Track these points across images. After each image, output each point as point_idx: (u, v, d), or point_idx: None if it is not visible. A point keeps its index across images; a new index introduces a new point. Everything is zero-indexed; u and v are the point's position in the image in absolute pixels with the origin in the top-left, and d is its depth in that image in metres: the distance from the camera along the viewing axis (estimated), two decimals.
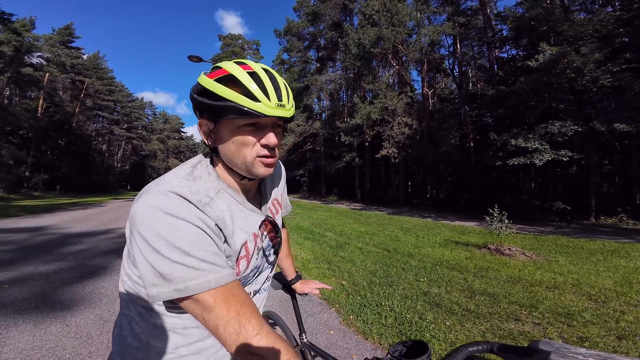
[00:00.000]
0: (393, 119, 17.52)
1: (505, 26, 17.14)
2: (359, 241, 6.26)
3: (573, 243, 6.78)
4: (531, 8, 14.10)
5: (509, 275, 3.90)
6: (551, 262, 4.80)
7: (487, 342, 0.52)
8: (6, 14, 20.67)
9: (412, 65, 20.97)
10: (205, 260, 0.49)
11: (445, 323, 2.46)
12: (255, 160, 0.57)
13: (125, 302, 0.63)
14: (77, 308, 2.62)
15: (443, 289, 3.31)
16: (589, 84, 11.35)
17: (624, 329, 2.38)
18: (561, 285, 3.51)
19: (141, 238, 0.49)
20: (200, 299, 0.48)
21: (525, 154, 12.42)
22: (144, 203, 0.51)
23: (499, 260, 4.80)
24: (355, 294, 3.10)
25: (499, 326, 2.40)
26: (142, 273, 0.50)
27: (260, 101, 0.53)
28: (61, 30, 31.98)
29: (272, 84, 0.55)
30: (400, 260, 4.57)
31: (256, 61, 8.69)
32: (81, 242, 5.34)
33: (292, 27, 28.54)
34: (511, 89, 13.85)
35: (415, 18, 18.32)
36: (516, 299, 3.01)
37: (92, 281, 3.32)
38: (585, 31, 11.65)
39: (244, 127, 0.55)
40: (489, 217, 5.71)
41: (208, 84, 0.54)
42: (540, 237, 7.68)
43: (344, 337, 2.27)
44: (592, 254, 5.49)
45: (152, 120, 60.66)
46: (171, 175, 0.58)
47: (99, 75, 38.31)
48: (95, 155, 35.51)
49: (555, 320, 2.50)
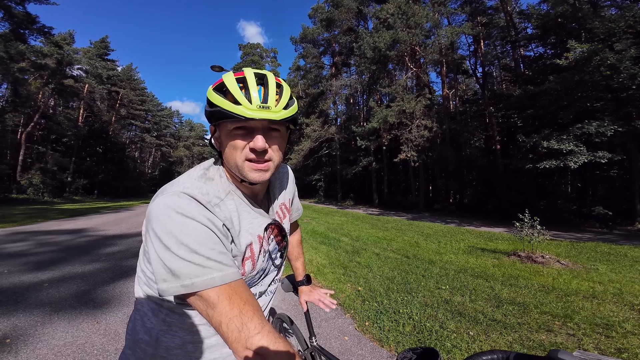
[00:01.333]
0: (411, 122, 17.12)
1: (529, 24, 16.30)
2: (376, 247, 6.13)
3: (615, 250, 6.21)
4: (556, 5, 13.32)
5: (542, 284, 3.63)
6: (590, 270, 4.41)
7: (502, 350, 0.49)
8: (47, 27, 21.18)
9: (430, 67, 20.48)
10: (211, 258, 0.51)
11: (468, 333, 2.32)
12: (245, 163, 0.58)
13: (139, 298, 0.67)
14: (108, 307, 2.76)
15: (467, 297, 3.15)
16: (626, 81, 10.47)
17: None
18: (600, 294, 3.21)
19: (155, 235, 0.52)
20: (205, 295, 0.49)
21: (558, 156, 11.62)
22: (159, 203, 0.54)
23: (530, 268, 4.49)
24: (371, 300, 3.03)
25: (529, 337, 2.23)
26: (154, 268, 0.52)
27: (241, 104, 0.55)
28: (97, 44, 34.38)
29: (260, 86, 0.57)
30: (420, 267, 4.41)
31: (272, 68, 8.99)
32: (115, 244, 5.65)
33: (308, 34, 29.05)
34: (540, 88, 13.07)
35: (433, 19, 17.91)
36: (549, 308, 2.79)
37: (123, 281, 3.50)
38: (618, 27, 10.81)
39: (235, 131, 0.57)
40: (518, 222, 5.36)
41: (208, 93, 0.59)
42: (577, 244, 7.10)
43: (359, 343, 2.21)
44: (637, 262, 5.00)
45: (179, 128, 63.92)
46: (185, 177, 0.61)
47: (132, 86, 41.08)
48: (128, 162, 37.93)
49: (592, 331, 2.29)
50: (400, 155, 17.26)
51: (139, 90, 43.74)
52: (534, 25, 15.04)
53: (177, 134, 61.19)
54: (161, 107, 55.01)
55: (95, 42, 34.54)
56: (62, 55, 24.57)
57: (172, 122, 58.79)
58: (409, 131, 16.93)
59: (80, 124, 29.79)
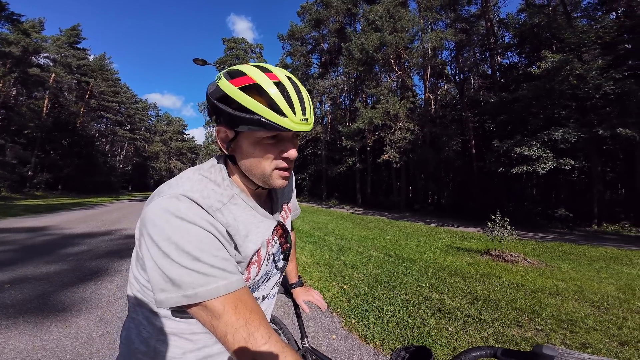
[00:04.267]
0: (395, 124, 17.57)
1: (507, 33, 17.24)
2: (360, 246, 6.24)
3: (575, 250, 6.74)
4: (534, 15, 14.19)
5: (511, 281, 3.87)
6: (553, 268, 4.77)
7: (490, 346, 0.51)
8: (16, 15, 20.83)
9: (414, 71, 21.09)
10: (214, 266, 0.48)
11: (447, 329, 2.44)
12: (274, 172, 0.56)
13: (133, 306, 0.63)
14: (78, 309, 2.63)
15: (445, 294, 3.29)
16: (591, 91, 11.38)
17: (627, 335, 2.37)
18: (563, 291, 3.48)
19: (151, 241, 0.48)
20: (209, 305, 0.47)
21: (528, 162, 12.40)
22: (156, 206, 0.50)
23: (501, 266, 4.78)
24: (356, 298, 3.09)
25: (502, 332, 2.38)
26: (150, 277, 0.49)
27: (287, 116, 0.51)
28: (68, 32, 32.37)
29: (298, 96, 0.54)
30: (401, 266, 4.55)
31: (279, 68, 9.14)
32: (82, 243, 5.33)
33: (296, 32, 28.81)
34: (513, 95, 13.89)
35: (419, 24, 18.47)
36: (518, 305, 2.99)
37: (93, 282, 3.32)
38: (588, 38, 11.70)
39: (266, 140, 0.54)
40: (490, 223, 5.69)
41: (231, 91, 0.52)
42: (542, 244, 7.64)
43: (346, 341, 2.26)
44: (595, 261, 5.45)
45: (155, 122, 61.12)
46: (184, 179, 0.57)
47: (104, 77, 38.74)
48: (98, 156, 35.71)
49: (557, 327, 2.49)
50: (383, 156, 17.66)
51: (112, 81, 41.29)
52: (512, 34, 15.92)
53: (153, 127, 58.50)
54: (136, 100, 52.35)
55: (66, 30, 32.37)
56: (28, 43, 22.79)
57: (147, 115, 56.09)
58: (393, 133, 17.37)
59: (45, 115, 27.60)
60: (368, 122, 17.72)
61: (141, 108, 52.62)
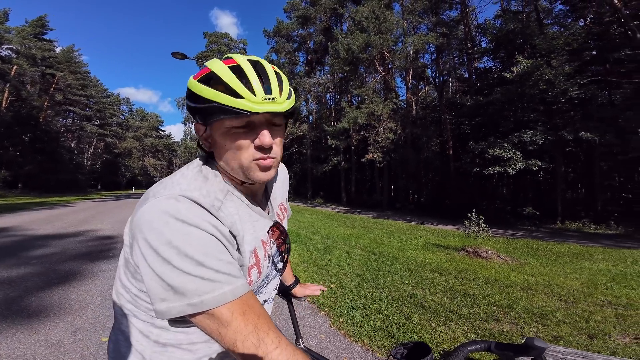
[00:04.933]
0: (378, 124, 17.95)
1: (484, 38, 18.08)
2: (345, 244, 6.32)
3: (542, 246, 7.23)
4: (509, 21, 14.96)
5: (487, 277, 4.09)
6: (523, 264, 5.08)
7: (484, 340, 0.54)
8: None
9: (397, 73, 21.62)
10: (220, 271, 0.45)
11: (430, 324, 2.54)
12: (252, 164, 0.53)
13: (122, 317, 0.58)
14: (46, 315, 2.48)
15: (427, 290, 3.42)
16: (558, 95, 12.23)
17: (594, 328, 2.55)
18: (534, 286, 3.74)
19: (148, 247, 0.45)
20: (216, 313, 0.44)
21: (500, 163, 13.12)
22: (152, 207, 0.47)
23: (477, 262, 5.03)
24: (343, 297, 3.14)
25: (480, 326, 2.52)
26: (148, 286, 0.46)
27: (243, 97, 0.48)
28: (33, 22, 30.16)
29: (259, 75, 0.51)
30: (385, 263, 4.67)
31: None
32: (48, 245, 5.00)
33: (282, 28, 28.44)
34: (488, 99, 14.62)
35: (402, 27, 18.94)
36: (494, 299, 3.17)
37: (61, 287, 3.14)
38: (557, 45, 12.52)
39: (235, 129, 0.51)
40: (467, 221, 5.98)
41: (193, 86, 0.51)
42: (512, 240, 8.13)
43: (335, 340, 2.29)
44: (560, 257, 5.88)
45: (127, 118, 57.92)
46: (178, 177, 0.54)
47: (71, 69, 36.22)
48: (63, 153, 33.28)
49: (531, 320, 2.66)
50: (367, 156, 17.99)
51: (81, 74, 38.65)
52: (488, 39, 16.70)
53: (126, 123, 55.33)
54: (107, 94, 49.35)
55: (32, 21, 30.02)
56: None
57: (120, 110, 53.00)
58: (376, 133, 17.74)
59: (4, 109, 25.34)
60: (353, 122, 17.96)
61: (113, 102, 49.64)
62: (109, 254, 4.63)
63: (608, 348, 2.21)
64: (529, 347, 0.46)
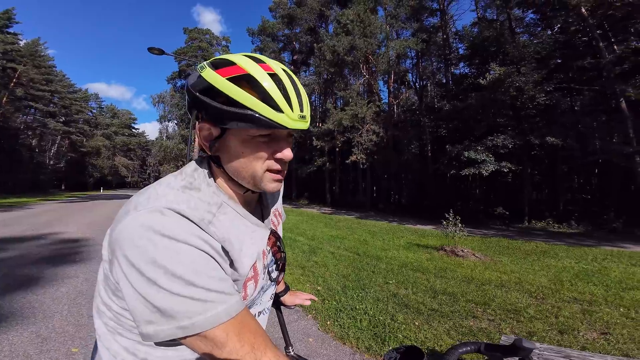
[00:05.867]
0: (362, 126, 18.31)
1: (461, 45, 18.99)
2: (330, 245, 6.38)
3: (512, 245, 7.68)
4: (485, 29, 15.79)
5: (464, 275, 4.30)
6: (496, 262, 5.38)
7: (474, 342, 0.57)
8: None
9: (380, 76, 22.15)
10: (212, 290, 0.42)
11: (414, 323, 2.64)
12: (265, 174, 0.51)
13: (104, 335, 0.54)
14: (8, 324, 2.32)
15: (410, 290, 3.55)
16: (527, 102, 13.10)
17: (563, 323, 2.71)
18: (506, 283, 3.98)
19: (130, 266, 0.41)
20: (210, 335, 0.41)
21: (474, 165, 13.83)
22: (134, 222, 0.43)
23: (455, 261, 5.27)
24: (330, 299, 3.17)
25: (460, 324, 2.65)
26: (132, 307, 0.42)
27: (284, 112, 0.46)
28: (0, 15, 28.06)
29: (295, 90, 0.49)
30: (370, 264, 4.77)
31: None
32: (6, 249, 4.66)
33: (267, 27, 28.13)
34: (464, 104, 15.36)
35: (385, 31, 19.45)
36: (472, 297, 3.34)
37: (23, 294, 2.93)
38: (527, 53, 13.40)
39: (258, 138, 0.48)
40: (445, 221, 6.26)
41: (218, 82, 0.46)
42: (486, 239, 8.59)
43: (323, 343, 2.32)
44: (528, 255, 6.28)
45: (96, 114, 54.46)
46: (163, 187, 0.49)
47: (35, 63, 33.61)
48: (22, 151, 30.73)
49: (506, 317, 2.84)
50: (351, 157, 18.30)
51: (45, 68, 35.93)
52: (465, 46, 17.51)
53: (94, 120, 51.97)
54: (74, 89, 46.24)
55: None
56: None
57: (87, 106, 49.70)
58: (360, 135, 18.09)
59: None
60: (338, 124, 18.19)
61: (80, 98, 46.45)
62: (75, 258, 4.37)
63: (578, 343, 2.35)
64: (517, 347, 0.48)
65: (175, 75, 33.31)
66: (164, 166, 41.78)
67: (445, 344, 2.27)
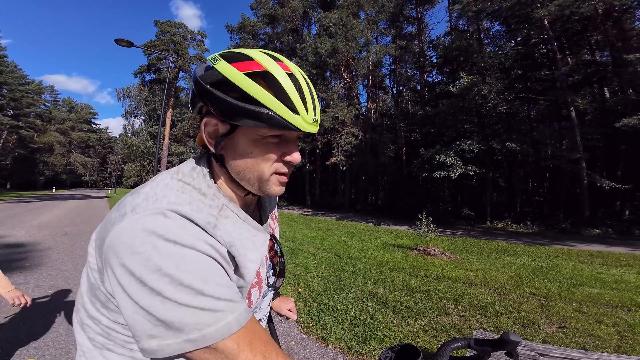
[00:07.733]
0: (342, 129, 18.62)
1: (434, 53, 20.02)
2: (311, 247, 6.41)
3: (477, 244, 8.22)
4: (457, 39, 16.81)
5: (436, 273, 4.55)
6: (464, 260, 5.74)
7: (464, 337, 0.60)
8: None
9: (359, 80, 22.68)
10: (221, 298, 0.39)
11: (392, 321, 2.76)
12: (272, 177, 0.49)
13: (89, 351, 0.50)
14: None
15: (387, 289, 3.69)
16: (490, 109, 14.18)
17: (525, 318, 2.91)
18: (473, 280, 4.28)
19: (129, 275, 0.38)
20: (221, 347, 0.38)
21: (444, 168, 14.65)
22: (133, 225, 0.39)
23: (427, 260, 5.54)
24: (312, 300, 3.21)
25: (435, 320, 2.82)
26: (130, 320, 0.38)
27: (299, 113, 0.45)
28: None
29: (310, 93, 0.48)
30: (349, 264, 4.88)
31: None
32: None
33: (247, 25, 27.46)
34: (435, 110, 16.23)
35: (366, 36, 19.97)
36: (443, 294, 3.56)
37: None
38: (493, 63, 14.51)
39: (269, 139, 0.47)
40: (419, 222, 6.57)
41: (234, 76, 0.43)
42: (454, 239, 9.12)
43: (306, 346, 2.34)
44: (491, 253, 6.77)
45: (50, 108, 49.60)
46: (162, 187, 0.45)
47: None
48: None
49: (474, 312, 3.06)
50: (331, 159, 18.55)
51: None
52: (438, 55, 18.49)
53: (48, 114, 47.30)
54: (26, 81, 41.78)
55: None
56: None
57: (40, 99, 45.10)
58: (340, 137, 18.39)
59: None
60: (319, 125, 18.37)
61: (32, 90, 41.99)
62: (24, 265, 4.03)
63: (539, 337, 2.56)
64: (505, 341, 0.51)
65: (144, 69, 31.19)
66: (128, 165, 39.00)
67: (422, 340, 2.41)
